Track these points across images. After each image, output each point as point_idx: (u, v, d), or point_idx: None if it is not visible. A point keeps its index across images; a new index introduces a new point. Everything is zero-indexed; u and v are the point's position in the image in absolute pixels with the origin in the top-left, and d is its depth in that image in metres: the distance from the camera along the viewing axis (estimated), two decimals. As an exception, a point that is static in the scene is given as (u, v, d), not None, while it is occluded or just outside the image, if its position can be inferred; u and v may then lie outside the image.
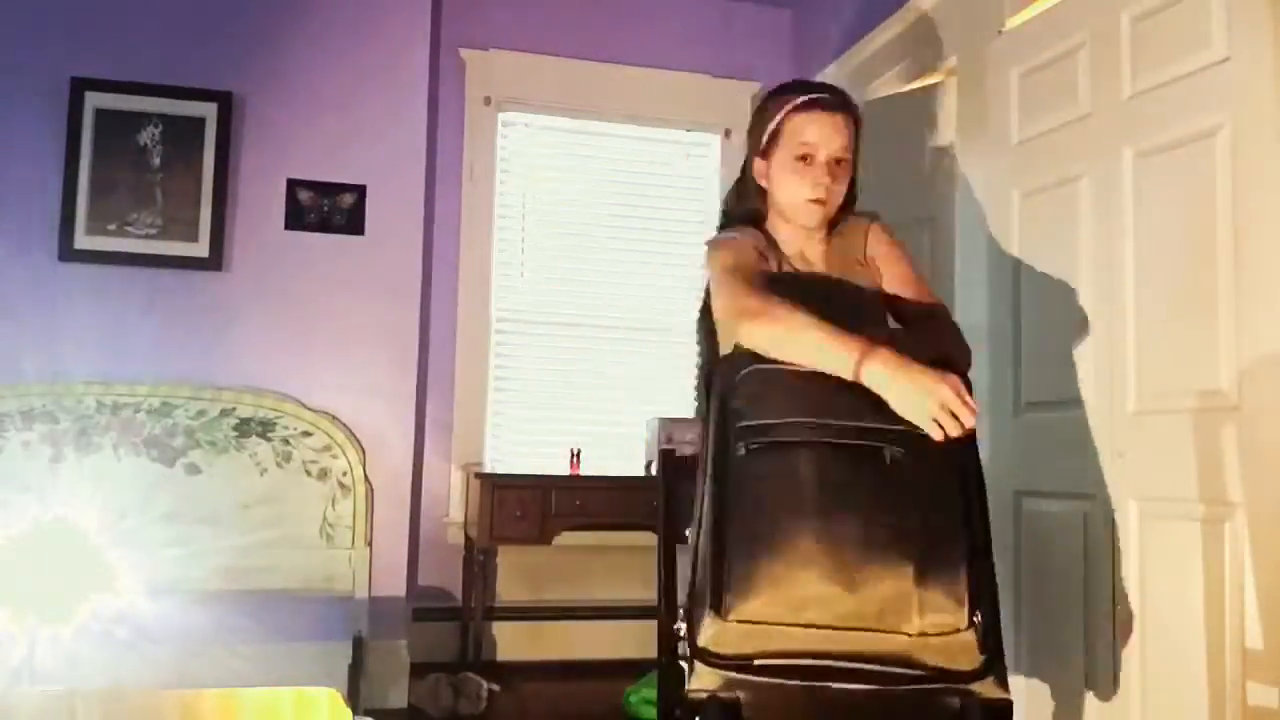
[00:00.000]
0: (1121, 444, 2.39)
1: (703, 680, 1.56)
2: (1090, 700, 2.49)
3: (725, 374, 1.65)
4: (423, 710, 3.38)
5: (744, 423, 1.58)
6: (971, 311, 3.02)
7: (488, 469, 3.96)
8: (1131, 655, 2.36)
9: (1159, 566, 2.30)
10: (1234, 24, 2.15)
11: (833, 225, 1.96)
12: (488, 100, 4.21)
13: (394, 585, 3.57)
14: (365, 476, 3.49)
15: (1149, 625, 2.33)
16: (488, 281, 4.18)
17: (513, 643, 4.08)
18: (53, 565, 2.62)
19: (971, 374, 2.70)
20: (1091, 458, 2.47)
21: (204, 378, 3.46)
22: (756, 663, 1.52)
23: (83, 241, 3.41)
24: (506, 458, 4.15)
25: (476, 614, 3.80)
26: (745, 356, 1.64)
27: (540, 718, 3.52)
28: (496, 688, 3.54)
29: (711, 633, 1.51)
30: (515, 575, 4.12)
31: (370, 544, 3.48)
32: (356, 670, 3.00)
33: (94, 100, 3.45)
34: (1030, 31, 2.81)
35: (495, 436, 4.17)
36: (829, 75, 4.02)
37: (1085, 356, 2.54)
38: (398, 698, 3.46)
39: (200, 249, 3.49)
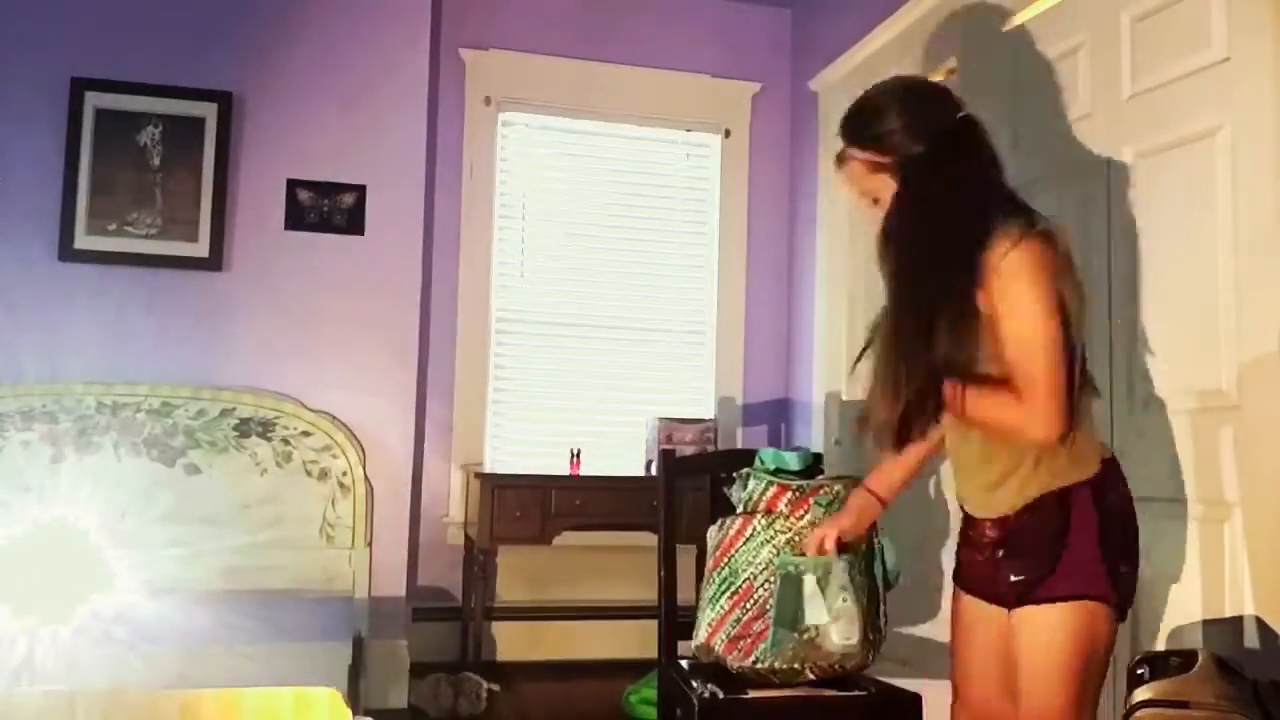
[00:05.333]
0: (1121, 444, 2.39)
1: None
2: (1090, 700, 2.49)
3: None
4: (423, 710, 3.39)
5: None
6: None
7: (488, 469, 3.96)
8: (1131, 655, 2.36)
9: (1157, 567, 2.30)
10: (1234, 24, 2.15)
11: None
12: (488, 100, 4.21)
13: (394, 585, 3.57)
14: (365, 476, 3.49)
15: (1148, 625, 2.32)
16: (488, 281, 4.18)
17: (513, 643, 4.09)
18: (53, 565, 2.61)
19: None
20: (1091, 458, 2.47)
21: (204, 378, 3.46)
22: None
23: (83, 241, 3.41)
24: (506, 458, 4.15)
25: (476, 614, 3.80)
26: None
27: (540, 718, 3.52)
28: (496, 688, 3.54)
29: None
30: (515, 575, 4.13)
31: (370, 544, 3.48)
32: (356, 670, 3.00)
33: (94, 100, 3.45)
34: (1030, 31, 2.81)
35: (495, 436, 4.17)
36: (829, 75, 4.03)
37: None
38: (398, 698, 3.46)
39: (200, 249, 3.49)
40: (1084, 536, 1.65)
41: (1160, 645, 2.24)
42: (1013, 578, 1.71)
